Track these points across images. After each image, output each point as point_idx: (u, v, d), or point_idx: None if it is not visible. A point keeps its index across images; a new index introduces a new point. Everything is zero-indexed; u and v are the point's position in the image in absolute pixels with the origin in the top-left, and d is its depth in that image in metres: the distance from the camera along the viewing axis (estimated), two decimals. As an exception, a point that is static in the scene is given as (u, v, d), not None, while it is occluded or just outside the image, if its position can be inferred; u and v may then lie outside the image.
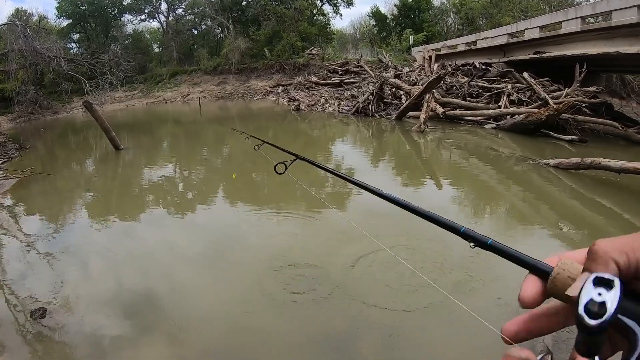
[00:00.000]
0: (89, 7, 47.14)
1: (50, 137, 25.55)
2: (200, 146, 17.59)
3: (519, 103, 16.38)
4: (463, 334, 3.91)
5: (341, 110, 22.71)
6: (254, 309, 4.57)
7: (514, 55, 22.88)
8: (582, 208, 7.42)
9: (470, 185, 9.24)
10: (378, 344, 3.93)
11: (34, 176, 12.33)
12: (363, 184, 1.46)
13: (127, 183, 11.95)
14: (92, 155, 18.06)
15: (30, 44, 28.75)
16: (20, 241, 7.48)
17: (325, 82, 32.95)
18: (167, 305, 4.76)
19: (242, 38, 42.16)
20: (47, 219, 8.83)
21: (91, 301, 4.95)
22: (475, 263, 4.97)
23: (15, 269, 6.20)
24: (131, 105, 40.31)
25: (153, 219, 8.38)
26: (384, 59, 33.09)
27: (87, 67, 34.11)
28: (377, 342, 3.95)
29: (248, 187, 10.32)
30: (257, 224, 7.29)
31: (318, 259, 5.54)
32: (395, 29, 47.24)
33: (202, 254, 6.10)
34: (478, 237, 0.78)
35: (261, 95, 36.40)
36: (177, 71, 45.16)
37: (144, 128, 25.10)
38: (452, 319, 4.08)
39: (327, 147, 15.25)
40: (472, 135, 14.65)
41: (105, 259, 6.29)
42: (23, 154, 17.45)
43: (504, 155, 11.68)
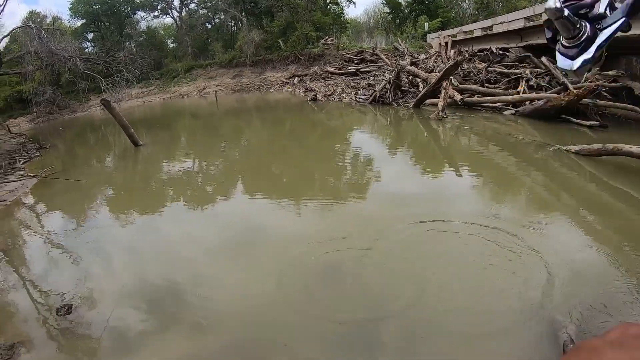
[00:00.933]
0: (102, 6, 47.54)
1: (69, 136, 26.07)
2: (219, 139, 17.80)
3: (538, 88, 16.22)
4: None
5: (358, 100, 22.72)
6: (277, 299, 4.69)
7: (531, 39, 22.55)
8: (604, 195, 7.41)
9: (490, 172, 9.27)
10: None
11: (55, 175, 12.66)
12: None
13: (147, 178, 12.22)
14: (112, 152, 18.42)
15: (45, 46, 29.24)
16: (43, 238, 7.79)
17: (341, 71, 32.87)
18: (190, 298, 4.92)
19: (256, 30, 42.19)
20: (69, 216, 9.15)
21: (115, 295, 5.14)
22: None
23: (39, 266, 6.46)
24: (148, 101, 40.74)
25: (174, 213, 8.61)
26: (400, 46, 32.88)
27: (102, 65, 34.66)
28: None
29: (268, 178, 10.50)
30: (279, 214, 7.46)
31: (342, 248, 5.65)
32: (410, 15, 46.77)
33: (223, 246, 6.29)
34: None
35: (277, 87, 36.47)
36: (192, 66, 45.44)
37: (161, 123, 25.41)
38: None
39: (345, 137, 15.34)
40: (490, 121, 14.60)
41: (127, 253, 6.53)
42: (43, 153, 17.94)
43: (523, 141, 11.63)
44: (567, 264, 4.79)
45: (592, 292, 4.28)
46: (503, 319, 4.04)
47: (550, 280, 4.50)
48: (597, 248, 5.26)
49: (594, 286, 4.38)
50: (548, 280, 4.50)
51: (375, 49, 35.72)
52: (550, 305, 4.13)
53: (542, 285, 4.43)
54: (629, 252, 5.11)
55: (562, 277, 4.53)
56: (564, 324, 3.84)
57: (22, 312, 5.12)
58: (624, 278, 4.48)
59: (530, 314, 4.05)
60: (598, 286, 4.37)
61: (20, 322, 4.92)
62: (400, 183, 8.70)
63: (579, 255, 5.05)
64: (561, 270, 4.64)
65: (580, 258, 4.99)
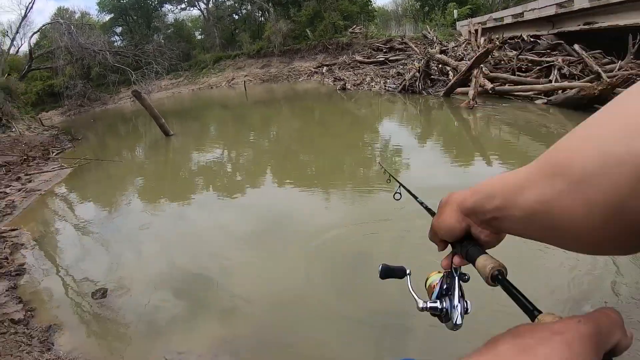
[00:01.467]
0: (130, 0, 48.32)
1: (100, 128, 26.76)
2: (248, 129, 18.10)
3: (571, 77, 16.08)
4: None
5: (387, 88, 22.81)
6: (304, 285, 4.80)
7: (563, 26, 22.31)
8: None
9: (521, 163, 9.28)
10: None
11: (87, 165, 13.23)
12: None
13: (178, 167, 12.62)
14: (143, 142, 18.97)
15: (75, 40, 30.11)
16: (76, 227, 8.11)
17: (370, 60, 32.86)
18: (219, 284, 5.04)
19: (283, 20, 42.42)
20: (101, 205, 9.50)
21: (146, 281, 5.31)
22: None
23: (73, 253, 6.69)
24: (177, 92, 41.49)
25: (203, 202, 8.84)
26: (429, 34, 32.71)
27: (132, 58, 35.47)
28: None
29: (297, 167, 10.75)
30: (309, 202, 7.68)
31: (368, 239, 5.75)
32: (439, 3, 46.28)
33: (251, 234, 6.38)
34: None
35: (306, 77, 36.70)
36: (220, 56, 45.99)
37: (191, 114, 25.93)
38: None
39: (374, 126, 15.50)
40: (522, 111, 14.56)
41: (158, 241, 6.71)
42: (76, 144, 18.58)
43: (556, 132, 11.60)
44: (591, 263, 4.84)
45: (615, 287, 4.31)
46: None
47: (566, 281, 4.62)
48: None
49: (616, 283, 4.43)
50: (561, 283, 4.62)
51: (404, 37, 35.61)
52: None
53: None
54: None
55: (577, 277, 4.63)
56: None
57: (57, 296, 5.33)
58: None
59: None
60: (623, 283, 4.39)
61: (55, 306, 5.11)
62: (429, 173, 8.81)
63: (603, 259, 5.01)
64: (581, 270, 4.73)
65: (604, 261, 4.97)
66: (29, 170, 13.27)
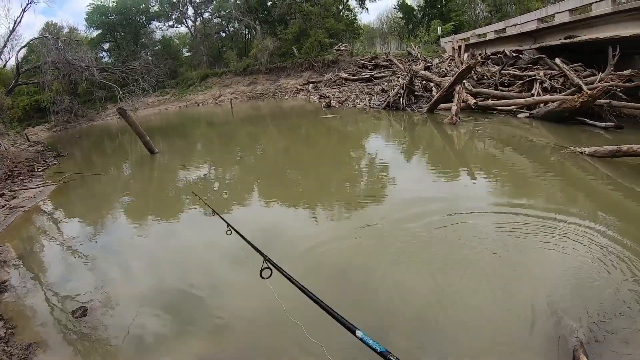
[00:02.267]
0: (118, 16, 48.46)
1: (86, 144, 26.54)
2: (234, 146, 17.97)
3: (552, 90, 16.21)
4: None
5: (372, 105, 22.82)
6: (292, 304, 4.70)
7: (544, 41, 22.57)
8: (619, 197, 7.41)
9: (506, 176, 9.29)
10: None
11: (72, 182, 13.03)
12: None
13: (163, 185, 12.41)
14: (128, 159, 18.72)
15: (62, 56, 29.88)
16: (61, 244, 7.99)
17: (355, 77, 32.98)
18: (207, 302, 5.00)
19: (269, 38, 42.55)
20: (86, 222, 9.34)
21: (132, 299, 5.25)
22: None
23: (58, 270, 6.60)
24: (164, 109, 41.30)
25: (189, 219, 8.70)
26: (413, 51, 32.95)
27: (119, 74, 35.19)
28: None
29: (284, 184, 10.61)
30: (295, 220, 7.57)
31: (360, 257, 5.70)
32: (423, 20, 46.83)
33: (239, 250, 6.30)
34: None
35: (292, 94, 36.71)
36: (207, 74, 45.96)
37: (177, 131, 25.75)
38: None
39: (360, 143, 15.43)
40: (505, 125, 14.62)
41: (144, 258, 6.66)
42: (61, 161, 18.34)
43: (538, 144, 11.63)
44: (584, 265, 4.87)
45: (605, 298, 4.33)
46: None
47: (562, 284, 4.59)
48: (613, 251, 5.28)
49: (606, 293, 4.42)
50: (559, 284, 4.59)
51: (389, 54, 35.87)
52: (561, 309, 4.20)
53: (552, 288, 4.52)
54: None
55: (576, 282, 4.60)
56: (574, 329, 3.91)
57: (39, 314, 5.25)
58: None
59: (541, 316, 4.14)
60: (611, 293, 4.40)
61: (37, 323, 5.05)
62: (415, 189, 8.73)
63: (595, 262, 5.05)
64: (578, 273, 4.72)
65: (597, 260, 5.03)
66: (14, 186, 12.99)
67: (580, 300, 4.31)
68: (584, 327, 3.91)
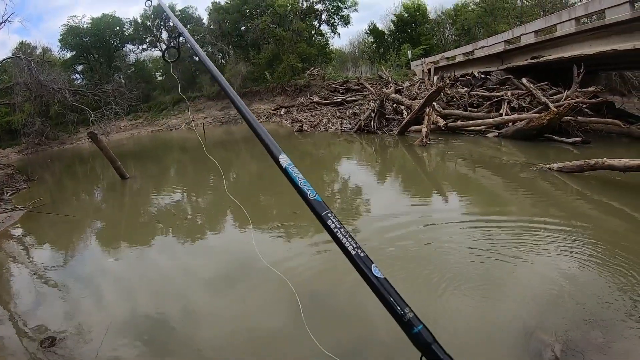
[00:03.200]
0: (92, 38, 48.23)
1: (57, 168, 25.92)
2: (207, 172, 17.69)
3: (520, 109, 16.46)
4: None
5: (344, 129, 22.79)
6: (272, 333, 4.56)
7: (511, 61, 23.02)
8: (590, 211, 7.38)
9: (478, 195, 9.24)
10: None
11: (42, 207, 12.50)
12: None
13: (135, 211, 11.98)
14: (100, 185, 18.19)
15: (35, 77, 29.20)
16: (31, 271, 7.56)
17: (327, 101, 33.10)
18: (183, 331, 4.74)
19: (242, 62, 42.75)
20: (57, 249, 8.91)
21: (104, 328, 4.93)
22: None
23: (27, 299, 6.24)
24: (137, 133, 40.89)
25: (163, 246, 8.36)
26: (384, 74, 33.26)
27: (91, 97, 34.54)
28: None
29: (256, 209, 10.37)
30: (269, 246, 7.32)
31: (335, 283, 5.51)
32: (394, 44, 47.58)
33: (214, 278, 6.07)
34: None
35: (265, 118, 36.63)
36: (180, 98, 45.75)
37: (150, 156, 25.37)
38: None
39: (332, 167, 15.29)
40: (475, 145, 14.69)
41: (116, 286, 6.31)
42: (31, 185, 17.71)
43: (508, 163, 11.69)
44: (559, 280, 4.76)
45: (580, 309, 4.22)
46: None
47: (535, 298, 4.46)
48: (586, 263, 5.20)
49: (582, 303, 4.31)
50: (534, 299, 4.46)
51: (360, 78, 36.17)
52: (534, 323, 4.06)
53: (528, 303, 4.38)
54: (619, 265, 5.07)
55: (552, 295, 4.48)
56: (549, 342, 3.77)
57: (7, 345, 4.94)
58: (616, 293, 4.42)
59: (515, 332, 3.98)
60: (587, 303, 4.30)
61: (5, 353, 4.77)
62: (388, 211, 8.58)
63: (570, 272, 4.98)
64: (553, 287, 4.61)
65: (570, 274, 4.93)
66: (-19, 212, 12.45)
67: (554, 313, 4.20)
68: (559, 341, 3.76)
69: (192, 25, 50.08)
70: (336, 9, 46.97)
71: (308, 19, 47.03)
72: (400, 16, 48.33)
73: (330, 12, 47.45)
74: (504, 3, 42.81)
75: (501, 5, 42.47)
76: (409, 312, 0.61)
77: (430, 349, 0.65)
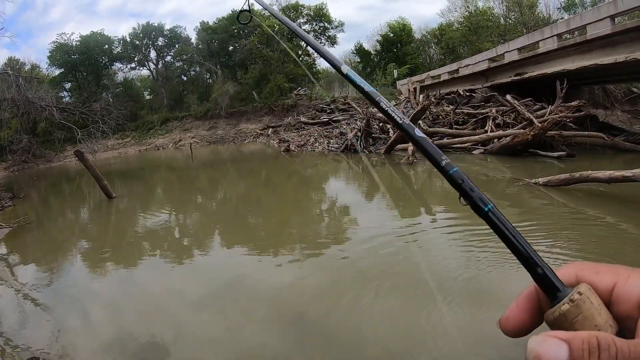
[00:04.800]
0: (80, 56, 48.31)
1: (43, 186, 25.70)
2: (195, 191, 17.53)
3: (505, 126, 16.56)
4: None
5: (330, 149, 22.80)
6: (263, 347, 4.48)
7: (496, 79, 23.26)
8: (576, 223, 7.36)
9: (465, 212, 9.15)
10: None
11: (28, 225, 12.31)
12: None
13: (121, 231, 11.76)
14: (86, 204, 17.94)
15: (22, 94, 28.96)
16: (15, 291, 7.32)
17: (314, 121, 33.29)
18: (172, 351, 4.62)
19: (230, 82, 42.93)
20: (42, 268, 8.64)
21: (91, 349, 4.80)
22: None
23: (11, 319, 5.99)
24: (124, 152, 40.76)
25: (150, 266, 8.16)
26: (370, 94, 33.44)
27: (79, 115, 34.33)
28: None
29: (245, 229, 10.23)
30: (257, 266, 7.19)
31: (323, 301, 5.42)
32: (380, 63, 48.19)
33: (203, 298, 5.91)
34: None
35: (252, 138, 36.71)
36: (168, 117, 45.78)
37: (136, 175, 25.21)
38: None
39: (320, 186, 15.21)
40: (461, 162, 14.67)
41: (103, 306, 6.11)
42: (17, 202, 17.43)
43: (494, 178, 11.68)
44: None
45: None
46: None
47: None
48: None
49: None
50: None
51: (347, 97, 36.44)
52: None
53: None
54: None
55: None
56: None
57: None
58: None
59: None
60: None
61: None
62: (375, 229, 8.49)
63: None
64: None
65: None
66: (-35, 229, 12.19)
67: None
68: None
69: (181, 45, 50.39)
70: (323, 29, 47.55)
71: (295, 39, 47.40)
72: (386, 36, 49.01)
73: (317, 33, 47.93)
74: (487, 22, 43.54)
75: (485, 24, 43.23)
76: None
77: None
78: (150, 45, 51.22)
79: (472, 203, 0.65)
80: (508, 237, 0.59)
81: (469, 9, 45.48)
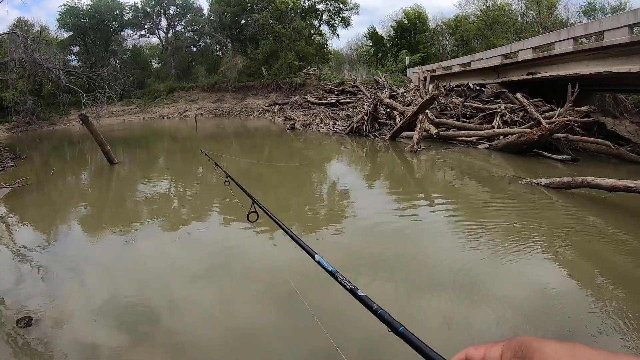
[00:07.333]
0: (90, 20, 47.71)
1: (46, 148, 25.57)
2: (196, 163, 17.52)
3: (512, 123, 16.49)
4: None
5: (336, 130, 22.74)
6: (256, 321, 4.54)
7: (507, 76, 23.09)
8: (574, 227, 7.36)
9: (464, 205, 9.19)
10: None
11: (28, 187, 12.34)
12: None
13: (121, 197, 11.78)
14: (87, 168, 17.93)
15: (30, 55, 28.83)
16: (11, 251, 7.34)
17: (321, 101, 33.09)
18: (166, 319, 4.65)
19: (240, 56, 42.57)
20: (40, 230, 8.69)
21: (83, 311, 4.84)
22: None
23: (6, 277, 6.04)
24: (128, 119, 40.56)
25: (148, 233, 8.17)
26: (380, 79, 33.29)
27: (85, 80, 34.17)
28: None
29: (243, 201, 10.23)
30: (255, 238, 7.24)
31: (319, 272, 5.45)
32: (392, 49, 47.72)
33: (199, 267, 5.98)
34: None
35: (257, 114, 36.56)
36: (174, 87, 45.46)
37: (140, 143, 25.13)
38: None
39: (322, 167, 15.19)
40: (465, 155, 14.68)
41: (100, 270, 6.16)
42: (18, 163, 17.44)
43: (497, 175, 11.69)
44: (539, 295, 4.74)
45: (563, 323, 4.20)
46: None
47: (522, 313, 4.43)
48: (568, 279, 5.22)
49: (565, 317, 4.30)
50: (518, 313, 4.43)
51: (356, 81, 36.24)
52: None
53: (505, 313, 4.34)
54: (600, 282, 5.09)
55: (534, 309, 4.46)
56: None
57: None
58: (597, 308, 4.41)
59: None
60: (570, 317, 4.29)
61: None
62: (371, 216, 8.54)
63: (551, 287, 4.96)
64: (534, 302, 4.59)
65: (552, 289, 4.92)
66: (-36, 187, 12.22)
67: (530, 322, 4.20)
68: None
69: (192, 15, 49.85)
70: (337, 10, 46.95)
71: (309, 17, 46.97)
72: (400, 22, 48.47)
73: (331, 13, 47.45)
74: (504, 18, 43.10)
75: (502, 20, 42.78)
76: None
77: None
78: (162, 13, 50.59)
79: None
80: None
81: (486, 3, 44.97)
